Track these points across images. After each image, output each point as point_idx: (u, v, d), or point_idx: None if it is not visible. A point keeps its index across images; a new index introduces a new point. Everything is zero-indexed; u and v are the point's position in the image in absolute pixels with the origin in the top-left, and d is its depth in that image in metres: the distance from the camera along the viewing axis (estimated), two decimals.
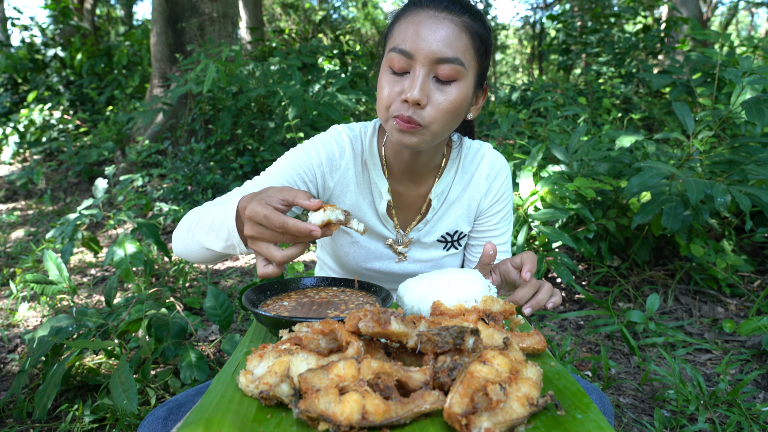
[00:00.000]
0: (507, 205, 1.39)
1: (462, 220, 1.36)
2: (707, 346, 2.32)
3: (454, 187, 1.34)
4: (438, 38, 1.05)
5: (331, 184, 1.29)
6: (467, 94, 1.10)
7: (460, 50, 1.06)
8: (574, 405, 0.70)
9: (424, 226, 1.35)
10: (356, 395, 0.61)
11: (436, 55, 1.04)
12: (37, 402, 1.68)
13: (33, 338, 2.03)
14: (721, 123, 2.59)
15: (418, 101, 1.05)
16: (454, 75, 1.07)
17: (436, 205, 1.33)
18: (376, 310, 0.72)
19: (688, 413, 1.84)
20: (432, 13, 1.07)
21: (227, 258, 1.16)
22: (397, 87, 1.08)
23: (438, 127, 1.10)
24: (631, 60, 6.30)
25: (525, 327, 0.98)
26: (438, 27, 1.06)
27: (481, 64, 1.13)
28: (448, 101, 1.07)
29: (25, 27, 8.28)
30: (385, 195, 1.29)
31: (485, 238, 1.40)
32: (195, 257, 1.16)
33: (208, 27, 5.46)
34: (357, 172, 1.29)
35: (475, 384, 0.64)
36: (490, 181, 1.34)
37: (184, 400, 0.99)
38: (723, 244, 2.79)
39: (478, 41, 1.09)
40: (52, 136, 6.66)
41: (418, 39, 1.06)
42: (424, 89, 1.05)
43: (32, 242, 4.13)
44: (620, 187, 2.72)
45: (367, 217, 1.33)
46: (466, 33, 1.07)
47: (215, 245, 1.07)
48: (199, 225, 1.11)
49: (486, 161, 1.34)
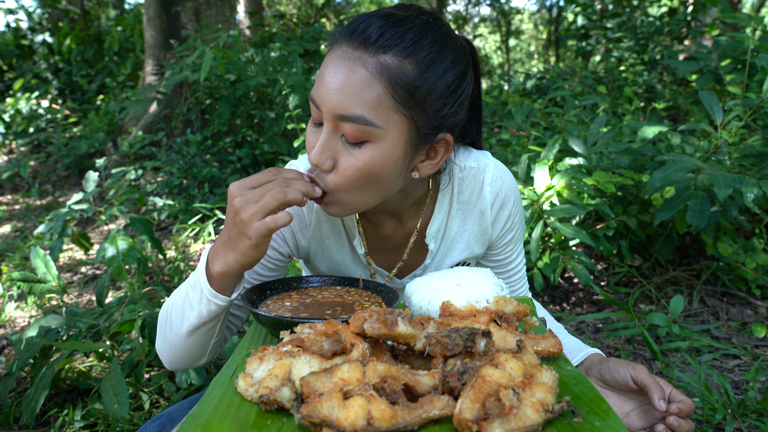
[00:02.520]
0: (519, 227, 1.30)
1: (469, 254, 1.26)
2: (735, 351, 2.31)
3: (451, 221, 1.22)
4: (341, 89, 0.89)
5: (304, 244, 1.21)
6: (387, 158, 0.93)
7: (369, 105, 0.89)
8: (592, 411, 0.71)
9: (423, 273, 1.27)
10: (361, 400, 0.61)
11: (337, 110, 0.90)
12: (25, 407, 1.69)
13: (20, 339, 2.05)
14: (751, 113, 2.57)
15: (317, 164, 0.94)
16: (362, 136, 0.91)
17: (433, 247, 1.22)
18: (383, 311, 0.72)
19: (714, 423, 1.83)
20: (345, 51, 0.91)
21: (212, 338, 1.09)
22: (311, 140, 0.98)
23: (347, 197, 0.97)
24: (655, 45, 6.25)
25: (540, 329, 0.98)
26: (344, 73, 0.89)
27: (412, 117, 0.93)
28: (354, 168, 0.93)
29: (11, 11, 8.33)
30: (359, 248, 1.21)
31: (501, 265, 1.33)
32: (181, 354, 1.09)
33: (204, 11, 5.47)
34: (332, 222, 1.20)
35: (486, 389, 0.64)
36: (496, 210, 1.21)
37: (177, 414, 1.00)
38: (753, 242, 2.77)
39: (401, 92, 0.90)
40: (39, 127, 6.70)
41: (323, 87, 0.91)
42: (326, 150, 0.93)
43: (19, 239, 4.17)
44: (642, 181, 2.70)
45: (352, 270, 1.26)
46: (381, 80, 0.89)
47: (191, 316, 1.02)
48: (173, 308, 1.05)
49: (489, 188, 1.19)
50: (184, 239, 3.80)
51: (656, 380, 0.95)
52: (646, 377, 0.96)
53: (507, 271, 1.35)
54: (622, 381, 0.99)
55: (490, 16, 18.23)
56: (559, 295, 2.87)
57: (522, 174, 2.68)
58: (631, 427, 0.99)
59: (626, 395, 1.02)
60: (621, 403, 1.02)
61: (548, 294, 2.89)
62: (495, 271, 1.33)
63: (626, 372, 0.98)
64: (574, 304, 2.81)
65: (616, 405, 1.02)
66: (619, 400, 1.02)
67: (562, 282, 2.97)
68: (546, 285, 2.93)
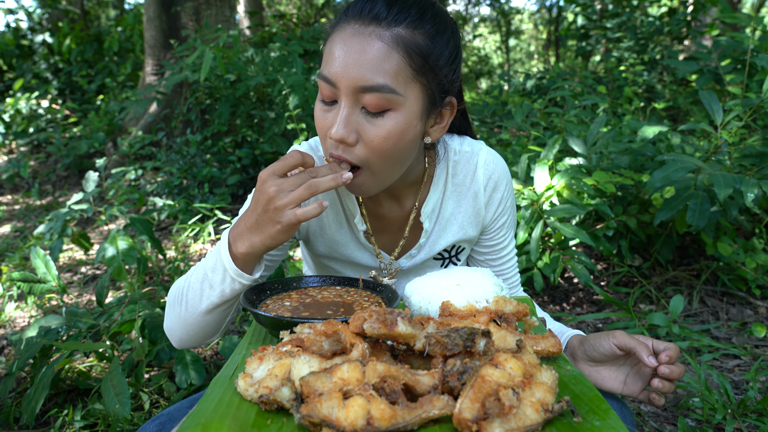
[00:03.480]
0: (511, 212, 1.34)
1: (462, 235, 1.29)
2: (735, 351, 2.31)
3: (446, 202, 1.26)
4: (360, 62, 0.94)
5: (304, 223, 1.24)
6: (408, 123, 0.99)
7: (390, 74, 0.94)
8: (592, 411, 0.71)
9: (418, 252, 1.30)
10: (361, 400, 0.62)
11: (358, 83, 0.94)
12: (25, 407, 1.70)
13: (20, 339, 2.06)
14: (751, 113, 2.57)
15: (343, 139, 0.97)
16: (385, 105, 0.96)
17: (428, 227, 1.26)
18: (382, 311, 0.73)
19: (714, 423, 1.84)
20: (357, 27, 0.96)
21: (228, 315, 1.15)
22: (328, 119, 1.01)
23: (378, 167, 1.02)
24: (655, 45, 6.25)
25: (539, 329, 0.98)
26: (361, 47, 0.94)
27: (427, 84, 1.00)
28: (380, 137, 0.98)
29: (11, 11, 8.33)
30: (359, 225, 1.24)
31: (495, 251, 1.36)
32: (195, 332, 1.14)
33: (204, 11, 5.47)
34: (331, 202, 1.23)
35: (486, 388, 0.64)
36: (489, 192, 1.26)
37: (177, 414, 1.00)
38: (753, 242, 2.77)
39: (417, 59, 0.97)
40: (39, 127, 6.70)
41: (339, 63, 0.95)
42: (349, 124, 0.97)
43: (19, 239, 4.17)
44: (642, 181, 2.71)
45: (350, 250, 1.28)
46: (398, 50, 0.95)
47: (212, 295, 1.06)
48: (189, 289, 1.10)
49: (482, 170, 1.24)
50: (184, 239, 3.80)
51: (637, 339, 0.99)
52: (627, 340, 0.99)
53: (499, 258, 1.37)
54: (608, 352, 1.01)
55: (490, 16, 18.25)
56: (559, 295, 2.87)
57: (522, 174, 2.68)
58: (633, 392, 1.02)
59: (616, 364, 1.04)
60: (615, 374, 1.04)
61: (548, 294, 2.89)
62: (487, 258, 1.37)
63: (609, 342, 1.01)
64: (574, 304, 2.81)
65: (611, 377, 1.04)
66: (613, 372, 1.04)
67: (562, 282, 2.97)
68: (546, 285, 2.93)
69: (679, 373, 0.95)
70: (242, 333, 2.56)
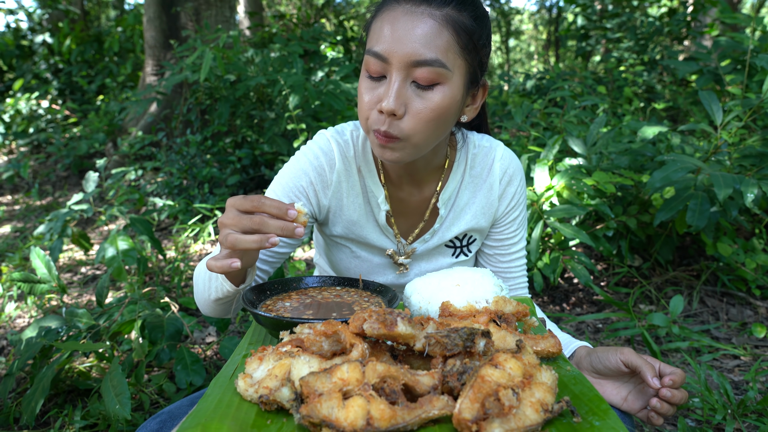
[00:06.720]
0: (522, 209, 1.38)
1: (475, 224, 1.33)
2: (735, 351, 2.31)
3: (462, 191, 1.31)
4: (413, 38, 0.99)
5: (325, 203, 1.27)
6: (453, 98, 1.05)
7: (441, 49, 1.00)
8: (592, 411, 0.71)
9: (431, 237, 1.33)
10: (361, 400, 0.62)
11: (412, 57, 0.99)
12: (25, 407, 1.70)
13: (20, 340, 2.05)
14: (751, 113, 2.57)
15: (394, 111, 1.01)
16: (435, 78, 1.02)
17: (443, 213, 1.31)
18: (382, 311, 0.73)
19: (714, 423, 1.84)
20: (408, 7, 1.01)
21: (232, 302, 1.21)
22: (375, 94, 1.05)
23: (420, 138, 1.06)
24: (655, 46, 6.25)
25: (539, 329, 0.98)
26: (414, 24, 1.00)
27: (470, 62, 1.07)
28: (428, 109, 1.03)
29: (11, 11, 8.34)
30: (383, 205, 1.27)
31: (504, 246, 1.39)
32: (213, 310, 1.23)
33: (204, 11, 5.47)
34: (352, 183, 1.27)
35: (486, 389, 0.64)
36: (504, 186, 1.32)
37: (178, 412, 1.00)
38: (753, 242, 2.77)
39: (464, 37, 1.03)
40: (39, 127, 6.70)
41: (391, 39, 1.00)
42: (400, 97, 1.01)
43: (19, 239, 4.17)
44: (642, 181, 2.71)
45: (367, 231, 1.31)
46: (448, 28, 1.01)
47: (212, 289, 1.14)
48: (200, 277, 1.20)
49: (498, 164, 1.30)
50: (184, 239, 3.81)
51: (645, 359, 0.99)
52: (635, 358, 1.00)
53: (508, 254, 1.40)
54: (613, 367, 1.02)
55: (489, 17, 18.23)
56: (559, 296, 2.87)
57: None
58: (632, 409, 1.03)
59: (620, 380, 1.05)
60: (617, 389, 1.05)
61: (548, 294, 2.89)
62: (496, 253, 1.40)
63: (616, 358, 1.02)
64: (574, 304, 2.81)
65: (613, 392, 1.05)
66: (615, 387, 1.05)
67: (561, 282, 2.97)
68: (546, 285, 2.93)
69: (681, 399, 0.95)
70: (242, 333, 2.56)
